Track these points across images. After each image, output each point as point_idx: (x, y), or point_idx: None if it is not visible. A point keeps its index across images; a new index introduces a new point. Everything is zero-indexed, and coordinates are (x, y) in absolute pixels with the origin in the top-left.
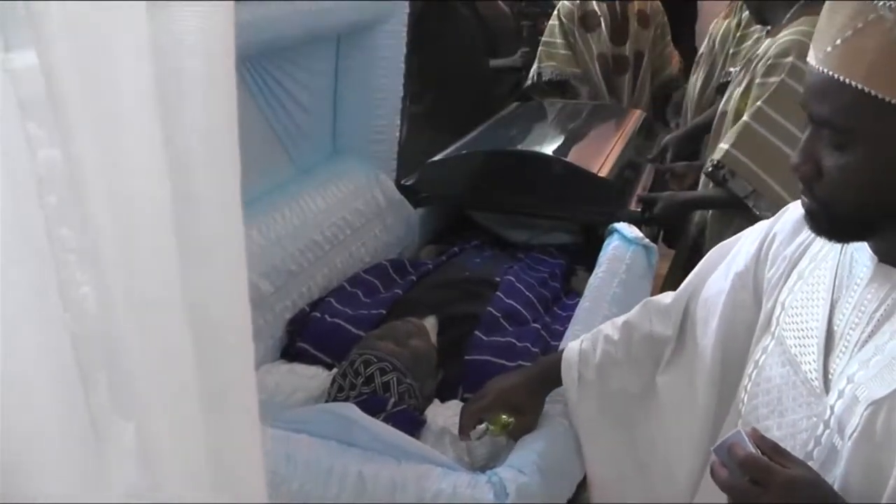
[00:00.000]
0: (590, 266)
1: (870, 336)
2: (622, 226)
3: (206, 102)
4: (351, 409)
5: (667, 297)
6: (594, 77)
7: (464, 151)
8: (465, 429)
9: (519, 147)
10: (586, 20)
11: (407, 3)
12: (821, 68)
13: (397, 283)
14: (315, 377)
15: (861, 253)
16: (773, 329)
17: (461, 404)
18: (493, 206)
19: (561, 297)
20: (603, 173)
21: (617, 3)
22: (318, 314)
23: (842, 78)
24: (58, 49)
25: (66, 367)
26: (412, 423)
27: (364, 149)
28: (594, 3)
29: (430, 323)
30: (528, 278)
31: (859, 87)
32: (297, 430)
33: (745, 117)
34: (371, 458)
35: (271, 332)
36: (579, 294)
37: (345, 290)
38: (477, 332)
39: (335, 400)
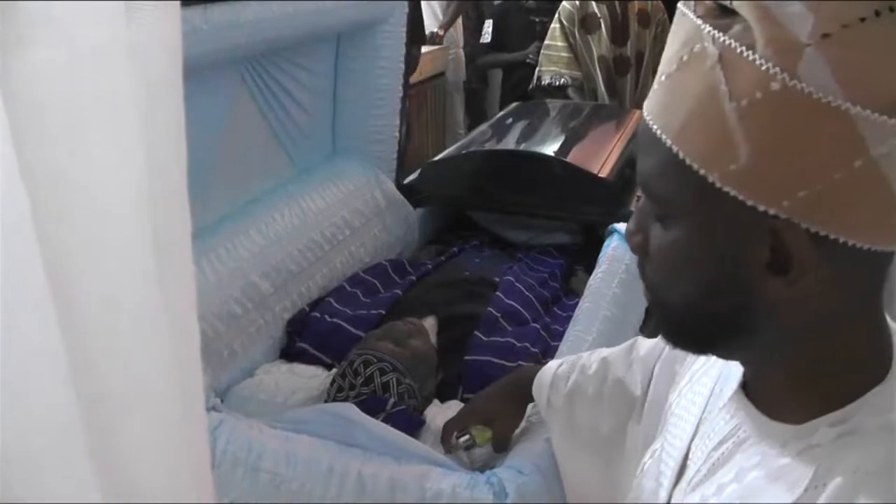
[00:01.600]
0: (589, 266)
1: (704, 478)
2: (622, 226)
3: (159, 102)
4: (351, 410)
5: (644, 348)
6: (595, 79)
7: (464, 151)
8: (445, 443)
9: (519, 147)
10: (586, 22)
11: (407, 3)
12: (645, 113)
13: (397, 284)
14: (315, 377)
15: (736, 369)
16: (661, 433)
17: (461, 405)
18: (493, 206)
19: (560, 298)
20: (603, 174)
21: (617, 3)
22: (318, 314)
23: (656, 130)
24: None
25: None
26: (411, 424)
27: (364, 149)
28: (594, 4)
29: (430, 323)
30: (527, 278)
31: (669, 145)
32: (297, 430)
33: None
34: (371, 459)
35: (271, 332)
36: (579, 294)
37: (344, 290)
38: (477, 333)
39: (334, 400)
